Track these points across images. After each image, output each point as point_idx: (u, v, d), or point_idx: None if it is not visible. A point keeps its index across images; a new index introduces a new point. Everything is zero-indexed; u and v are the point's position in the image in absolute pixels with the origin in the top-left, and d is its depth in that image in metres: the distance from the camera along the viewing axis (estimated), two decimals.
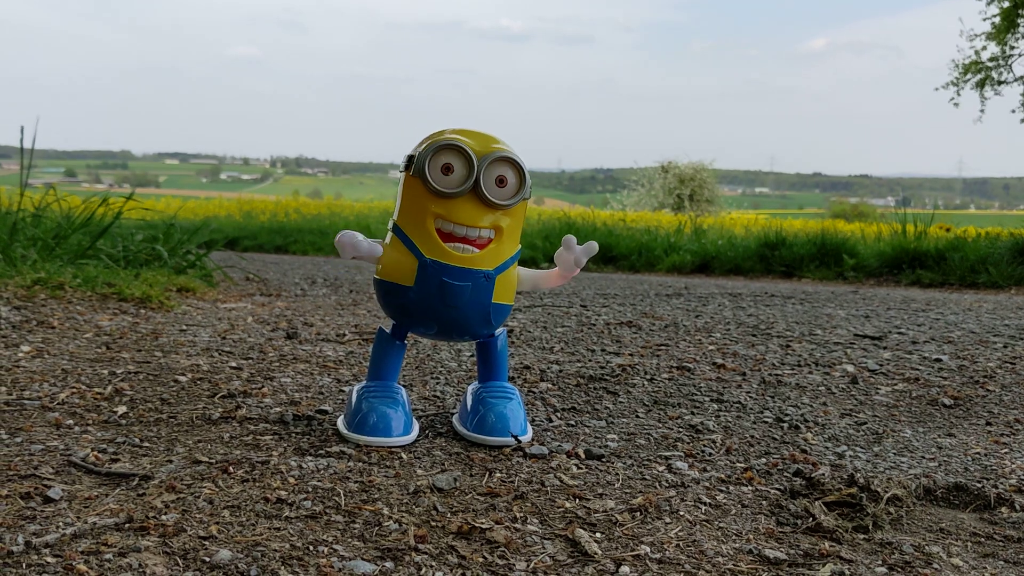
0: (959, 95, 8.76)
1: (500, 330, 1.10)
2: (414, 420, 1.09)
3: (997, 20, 8.15)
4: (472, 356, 1.63)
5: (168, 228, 3.25)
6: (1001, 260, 4.39)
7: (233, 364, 1.46)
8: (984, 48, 8.48)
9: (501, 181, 0.99)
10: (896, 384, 1.48)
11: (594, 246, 1.05)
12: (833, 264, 4.95)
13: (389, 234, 1.04)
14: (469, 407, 1.07)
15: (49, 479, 0.85)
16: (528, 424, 1.09)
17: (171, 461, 0.92)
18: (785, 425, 1.19)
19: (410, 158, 1.00)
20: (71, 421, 1.06)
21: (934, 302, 3.14)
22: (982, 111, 8.75)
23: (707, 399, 1.33)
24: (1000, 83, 8.60)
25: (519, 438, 1.02)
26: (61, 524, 0.74)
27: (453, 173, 0.98)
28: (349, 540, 0.74)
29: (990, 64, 8.58)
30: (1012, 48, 8.31)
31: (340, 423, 1.07)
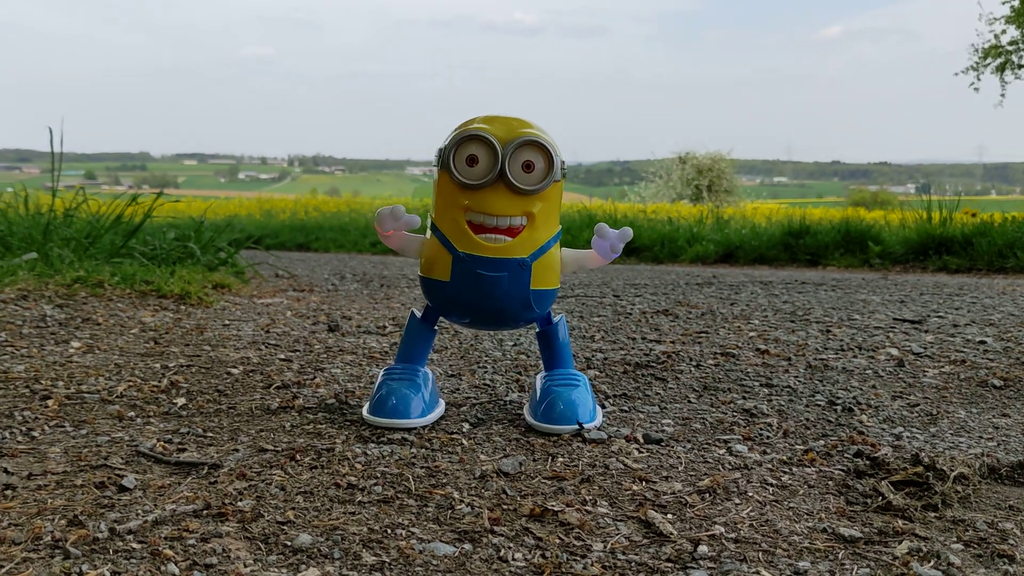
0: (979, 79, 8.68)
1: (559, 316, 1.10)
2: (439, 401, 1.10)
3: (1016, 3, 8.07)
4: (515, 345, 1.64)
5: (199, 226, 3.27)
6: None
7: (282, 356, 1.47)
8: (1004, 32, 8.41)
9: (528, 166, 0.98)
10: (943, 367, 1.48)
11: (629, 231, 1.04)
12: (858, 251, 4.92)
13: (428, 232, 1.04)
14: (537, 397, 1.06)
15: (121, 469, 0.87)
16: (598, 409, 1.08)
17: (237, 450, 0.93)
18: (838, 408, 1.19)
19: (438, 153, 1.00)
20: (132, 413, 1.08)
21: (966, 286, 3.12)
22: (1003, 95, 8.68)
23: (756, 384, 1.33)
24: (1020, 67, 8.52)
25: (584, 424, 1.02)
26: (140, 511, 0.75)
27: (478, 164, 0.98)
28: (424, 523, 0.75)
29: (1010, 48, 8.51)
30: None
31: (364, 408, 1.07)
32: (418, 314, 1.10)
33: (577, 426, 1.02)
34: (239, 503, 0.77)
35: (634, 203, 11.59)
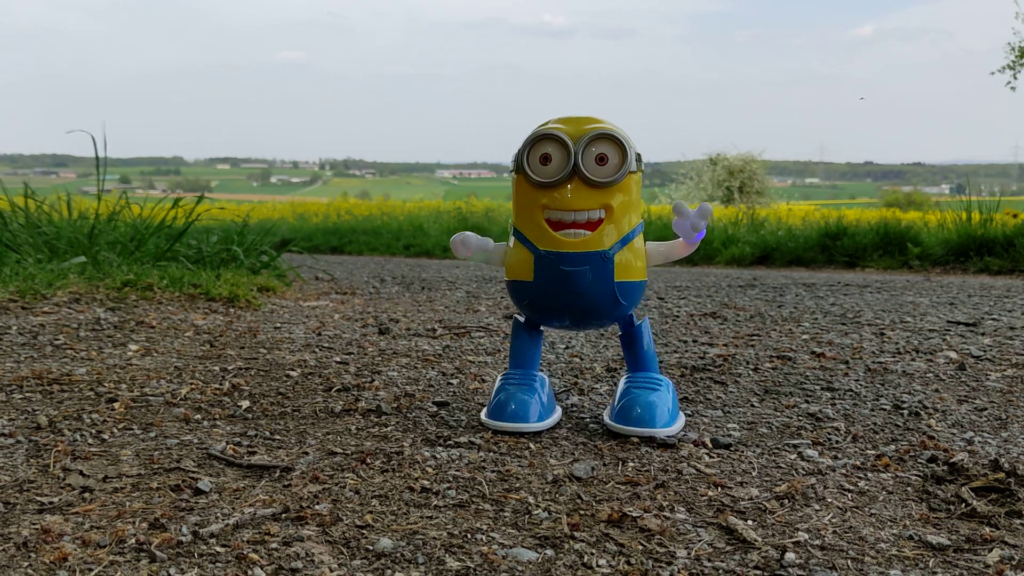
0: (1015, 78, 8.56)
1: (642, 319, 1.09)
2: (556, 406, 1.10)
3: None
4: (567, 348, 1.63)
5: (242, 229, 3.29)
6: None
7: (338, 359, 1.47)
8: None
9: (601, 159, 0.98)
10: (1005, 370, 1.46)
11: (708, 207, 1.02)
12: (897, 253, 4.87)
13: (511, 237, 1.05)
14: (616, 398, 1.06)
15: (194, 472, 0.87)
16: (680, 414, 1.07)
17: (307, 453, 0.93)
18: (905, 412, 1.17)
19: (514, 157, 1.01)
20: (199, 416, 1.08)
21: (1014, 288, 3.08)
22: None
23: (817, 387, 1.31)
24: None
25: (657, 431, 1.01)
26: (219, 515, 0.75)
27: (552, 162, 0.98)
28: (503, 528, 0.74)
29: None
30: None
31: (483, 412, 1.08)
32: (521, 318, 1.10)
33: (658, 433, 1.00)
34: (316, 506, 0.77)
35: (665, 204, 11.53)
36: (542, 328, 1.11)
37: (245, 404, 1.14)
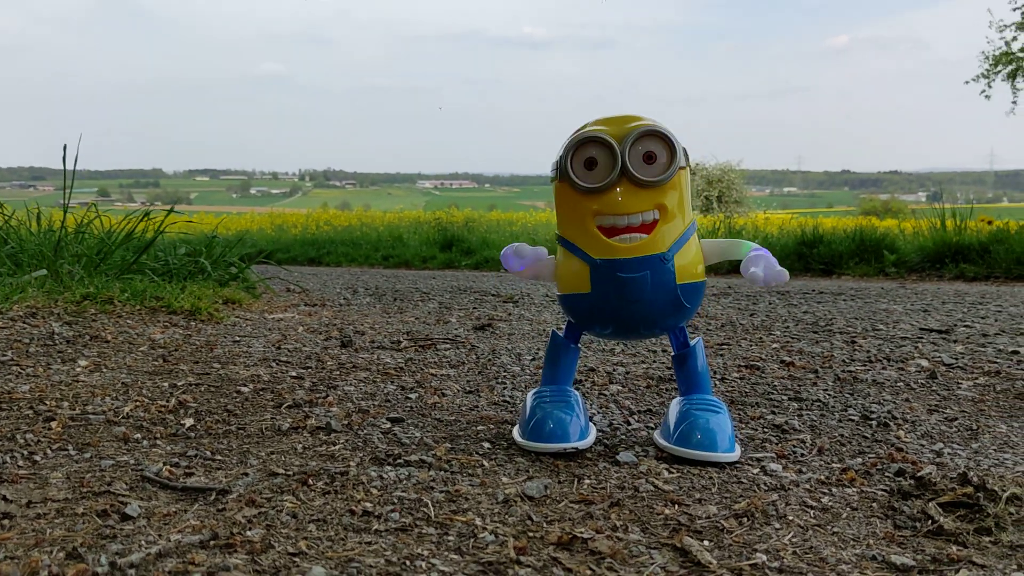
0: (990, 87, 8.61)
1: (695, 340, 1.03)
2: (591, 424, 1.04)
3: None
4: (534, 360, 1.59)
5: (210, 241, 3.24)
6: None
7: (293, 374, 1.42)
8: (1015, 38, 8.34)
9: (649, 157, 0.93)
10: (977, 378, 1.43)
11: (784, 275, 0.94)
12: (873, 260, 4.86)
13: (559, 249, 0.99)
14: (673, 421, 0.99)
15: (124, 495, 0.82)
16: (736, 440, 1.00)
17: (247, 474, 0.89)
18: (873, 423, 1.14)
19: (554, 165, 0.96)
20: (139, 435, 1.03)
21: (988, 295, 3.06)
22: (1014, 102, 8.61)
23: (784, 398, 1.28)
24: None
25: (721, 456, 0.95)
26: (144, 543, 0.71)
27: (598, 165, 0.93)
28: (446, 554, 0.70)
29: (1021, 54, 8.44)
30: None
31: (515, 432, 1.02)
32: (560, 332, 1.05)
33: (721, 457, 0.95)
34: (248, 532, 0.73)
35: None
36: (580, 344, 1.06)
37: (189, 422, 1.09)
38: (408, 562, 0.68)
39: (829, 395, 1.30)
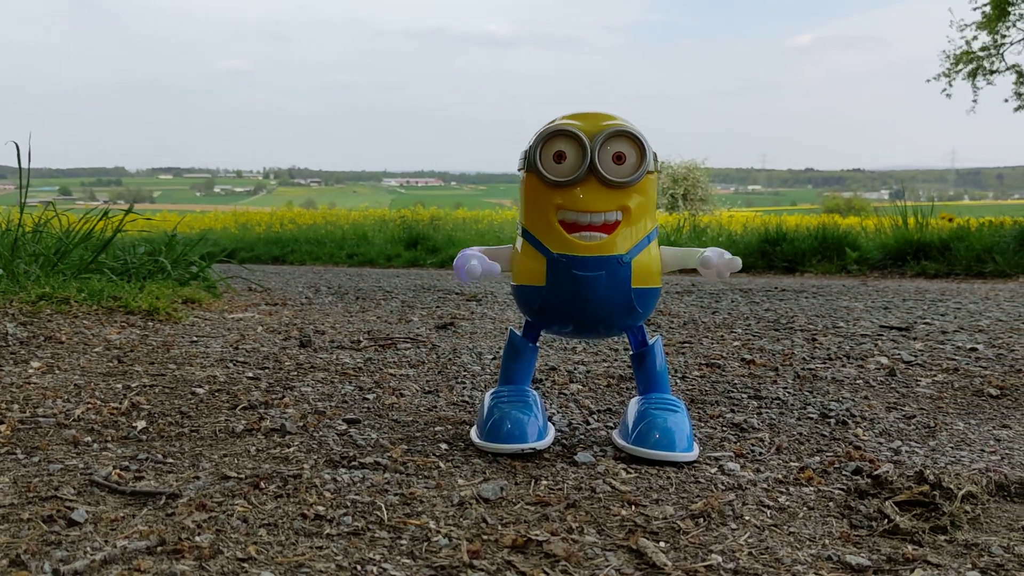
0: (951, 86, 8.71)
1: (654, 338, 1.03)
2: (549, 424, 1.03)
3: (988, 9, 8.10)
4: (495, 359, 1.58)
5: (169, 240, 3.19)
6: (1007, 248, 4.35)
7: (250, 375, 1.40)
8: (975, 38, 8.44)
9: (619, 158, 0.92)
10: (935, 375, 1.44)
11: (737, 263, 0.95)
12: (835, 258, 4.91)
13: (519, 239, 0.98)
14: (631, 420, 0.99)
15: (71, 500, 0.80)
16: (695, 441, 0.99)
17: (198, 477, 0.87)
18: (832, 421, 1.14)
19: (523, 155, 0.95)
20: (89, 438, 1.01)
21: (948, 292, 3.10)
22: (975, 101, 8.71)
23: (744, 396, 1.28)
24: (992, 72, 8.55)
25: (678, 455, 0.94)
26: (89, 549, 0.69)
27: (566, 160, 0.92)
28: (398, 558, 0.69)
29: (981, 54, 8.54)
30: (1004, 37, 8.27)
31: (473, 433, 1.01)
32: (517, 331, 1.04)
33: (678, 457, 0.94)
34: (197, 538, 0.71)
35: None
36: (538, 344, 1.05)
37: (141, 424, 1.07)
38: (359, 567, 0.67)
39: (789, 393, 1.31)
